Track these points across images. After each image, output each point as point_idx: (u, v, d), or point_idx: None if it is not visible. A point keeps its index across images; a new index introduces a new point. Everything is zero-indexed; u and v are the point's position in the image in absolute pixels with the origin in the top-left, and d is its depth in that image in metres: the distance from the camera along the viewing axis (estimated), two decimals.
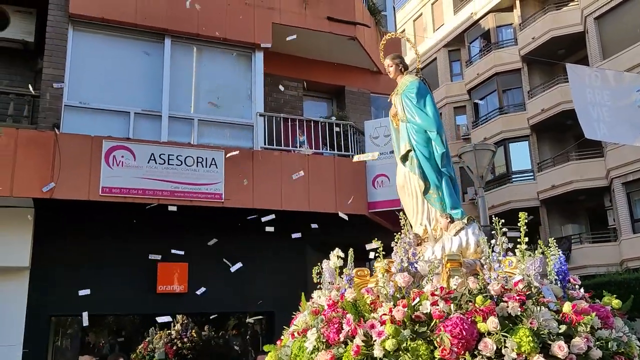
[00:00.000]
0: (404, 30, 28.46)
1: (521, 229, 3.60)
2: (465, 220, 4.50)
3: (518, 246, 3.61)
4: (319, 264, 4.22)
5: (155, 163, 8.57)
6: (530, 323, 3.07)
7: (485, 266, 3.71)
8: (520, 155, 24.17)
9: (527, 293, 3.33)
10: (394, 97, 5.07)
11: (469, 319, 3.09)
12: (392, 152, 10.07)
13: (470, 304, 3.21)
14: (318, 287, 4.12)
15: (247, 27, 9.94)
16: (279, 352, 3.85)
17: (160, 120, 9.19)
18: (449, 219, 4.56)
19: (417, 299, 3.29)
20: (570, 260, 20.87)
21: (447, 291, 3.32)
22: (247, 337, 12.25)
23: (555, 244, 4.03)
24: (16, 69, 9.19)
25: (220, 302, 9.21)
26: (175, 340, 10.97)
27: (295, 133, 10.23)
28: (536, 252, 3.61)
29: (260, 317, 10.27)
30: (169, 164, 8.65)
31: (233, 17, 9.85)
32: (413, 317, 3.20)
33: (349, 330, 3.32)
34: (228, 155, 8.52)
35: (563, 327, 3.15)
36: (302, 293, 4.17)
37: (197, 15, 9.51)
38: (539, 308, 3.20)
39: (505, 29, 25.97)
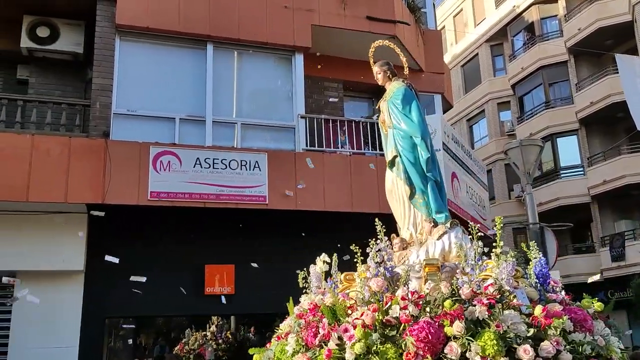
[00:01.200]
0: (442, 29, 28.05)
1: (497, 232, 3.62)
2: (448, 225, 4.52)
3: (493, 250, 3.64)
4: (304, 268, 4.29)
5: (201, 167, 8.75)
6: (497, 326, 3.08)
7: (464, 270, 3.72)
8: (569, 150, 23.44)
9: (497, 297, 3.34)
10: (382, 104, 5.15)
11: (437, 323, 3.14)
12: (435, 150, 10.00)
13: (440, 308, 3.27)
14: (303, 291, 4.18)
15: (287, 30, 10.03)
16: (263, 355, 3.96)
17: (204, 125, 9.38)
18: (432, 223, 4.59)
19: (390, 304, 3.35)
20: (624, 258, 20.10)
21: (418, 295, 3.36)
22: None
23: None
24: (67, 79, 9.56)
25: (266, 302, 9.30)
26: (210, 342, 11.13)
27: (337, 134, 10.24)
28: (508, 255, 3.59)
29: None
30: (213, 167, 8.81)
31: (273, 21, 9.95)
32: (384, 321, 3.27)
33: (323, 334, 3.40)
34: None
35: (531, 331, 3.16)
36: (290, 297, 4.21)
37: (238, 21, 9.66)
38: (508, 311, 3.22)
39: (550, 20, 25.26)
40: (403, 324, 3.19)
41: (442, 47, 14.12)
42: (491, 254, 3.70)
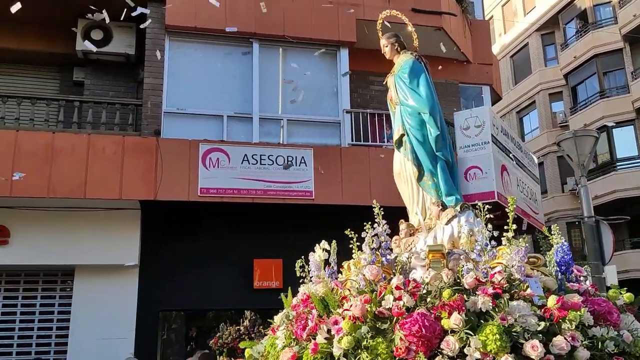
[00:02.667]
0: (490, 18, 27.39)
1: (510, 215, 3.25)
2: (458, 208, 4.11)
3: (505, 234, 3.26)
4: (302, 257, 3.88)
5: (248, 163, 8.88)
6: (502, 319, 2.73)
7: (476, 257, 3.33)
8: (626, 141, 22.49)
9: (505, 286, 2.97)
10: (389, 79, 4.72)
11: (433, 315, 2.82)
12: (484, 142, 9.81)
13: (439, 298, 2.93)
14: (301, 281, 3.80)
15: (332, 26, 10.03)
16: (253, 349, 3.69)
17: (251, 122, 9.51)
18: (441, 207, 4.19)
19: (384, 294, 3.04)
20: None
21: (415, 285, 3.03)
22: None
23: (557, 230, 3.60)
24: (120, 80, 9.88)
25: None
26: (243, 336, 11.23)
27: (383, 128, 10.18)
28: (521, 239, 3.24)
29: None
30: (260, 163, 8.92)
31: (317, 17, 9.97)
32: (376, 312, 2.96)
33: (311, 327, 3.13)
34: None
35: (542, 324, 2.79)
36: (289, 288, 3.88)
37: (283, 18, 9.73)
38: (516, 303, 2.86)
39: (604, 7, 24.26)
40: (396, 317, 2.88)
41: (490, 38, 13.79)
42: (502, 239, 3.32)
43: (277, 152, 9.05)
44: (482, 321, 2.80)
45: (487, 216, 3.49)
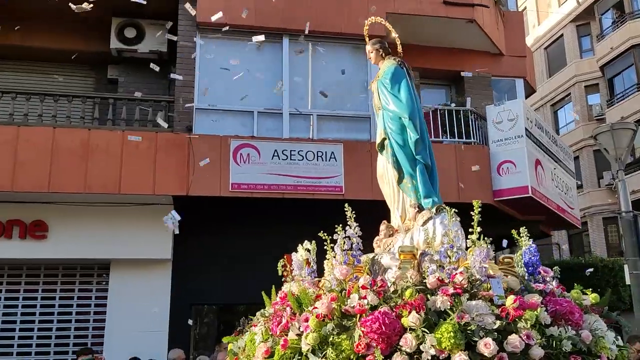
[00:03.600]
0: (524, 10, 26.83)
1: (475, 216, 3.35)
2: (434, 210, 4.23)
3: (470, 236, 3.36)
4: (284, 257, 4.13)
5: (279, 159, 8.92)
6: (460, 318, 2.84)
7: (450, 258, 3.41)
8: None
9: (465, 286, 3.07)
10: (373, 85, 4.89)
11: (395, 314, 2.93)
12: (517, 136, 9.63)
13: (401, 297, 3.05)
14: (283, 280, 4.02)
15: (361, 20, 9.95)
16: (234, 344, 3.88)
17: (281, 117, 9.55)
18: (417, 209, 4.32)
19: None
20: None
21: (380, 284, 3.14)
22: None
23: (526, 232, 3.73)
24: (153, 77, 10.02)
25: None
26: None
27: None
28: (482, 240, 3.31)
29: None
30: (291, 159, 8.96)
31: (347, 11, 9.92)
32: (343, 310, 3.09)
33: (283, 323, 3.29)
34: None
35: (498, 323, 2.88)
36: (273, 286, 4.08)
37: (312, 13, 9.71)
38: (475, 302, 2.95)
39: None
40: (359, 314, 3.01)
41: (524, 29, 13.51)
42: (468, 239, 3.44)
43: (307, 147, 9.07)
44: (441, 320, 2.91)
45: (457, 219, 3.63)
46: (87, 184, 8.26)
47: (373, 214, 4.71)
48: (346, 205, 3.76)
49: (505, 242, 6.14)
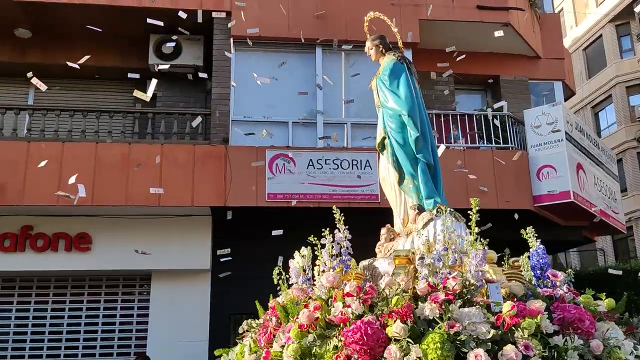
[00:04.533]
0: (560, 11, 26.31)
1: (472, 217, 3.16)
2: (434, 212, 4.01)
3: (467, 238, 3.15)
4: (279, 264, 3.92)
5: (314, 168, 8.97)
6: (451, 327, 2.60)
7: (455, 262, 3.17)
8: None
9: (457, 292, 2.82)
10: (373, 82, 4.68)
11: (379, 323, 2.71)
12: (557, 140, 9.42)
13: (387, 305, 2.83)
14: (277, 288, 3.81)
15: (392, 28, 9.94)
16: (224, 356, 3.75)
17: (315, 126, 9.60)
18: (417, 211, 4.11)
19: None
20: None
21: (366, 291, 2.93)
22: None
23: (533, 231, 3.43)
24: (190, 91, 10.25)
25: None
26: None
27: (449, 128, 9.99)
28: (476, 244, 3.10)
29: None
30: (326, 168, 8.98)
31: (379, 20, 9.91)
32: (327, 320, 2.90)
33: (267, 334, 3.16)
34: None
35: (492, 332, 2.61)
36: (271, 295, 3.89)
37: (345, 22, 9.76)
38: (468, 309, 2.70)
39: None
40: (343, 324, 2.83)
41: (561, 31, 13.24)
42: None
43: (342, 156, 9.08)
44: (430, 329, 2.70)
45: (462, 221, 3.45)
46: (128, 196, 8.47)
47: None
48: (334, 207, 3.63)
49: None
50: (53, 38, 10.04)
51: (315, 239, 3.51)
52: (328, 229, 3.57)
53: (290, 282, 3.83)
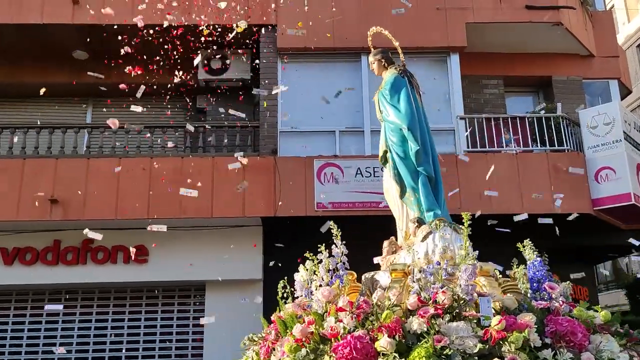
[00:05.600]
0: (611, 8, 25.37)
1: (464, 230, 3.14)
2: (434, 224, 3.96)
3: (459, 252, 3.13)
4: (285, 278, 4.02)
5: (362, 176, 8.95)
6: (438, 341, 2.62)
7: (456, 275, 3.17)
8: None
9: (447, 306, 2.83)
10: (375, 97, 4.73)
11: (369, 337, 2.75)
12: (616, 141, 9.06)
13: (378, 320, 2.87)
14: (283, 301, 3.90)
15: (440, 32, 9.87)
16: None
17: (362, 135, 9.59)
18: (417, 224, 4.09)
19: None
20: None
21: (358, 305, 2.96)
22: None
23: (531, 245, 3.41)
24: (238, 104, 10.42)
25: None
26: None
27: (500, 132, 9.78)
28: (467, 258, 3.09)
29: None
30: (374, 176, 8.94)
31: (425, 25, 9.86)
32: (320, 334, 2.94)
33: (265, 349, 3.21)
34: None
35: (479, 346, 2.62)
36: (277, 307, 3.94)
37: (390, 29, 9.72)
38: (456, 323, 2.72)
39: None
40: (334, 339, 2.89)
41: (615, 28, 12.76)
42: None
43: None
44: (419, 343, 2.76)
45: (461, 232, 3.42)
46: (182, 208, 8.68)
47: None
48: (331, 223, 3.75)
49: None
50: (107, 59, 10.46)
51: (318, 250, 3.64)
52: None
53: (295, 296, 3.94)
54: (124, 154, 9.39)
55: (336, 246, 3.59)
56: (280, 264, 9.16)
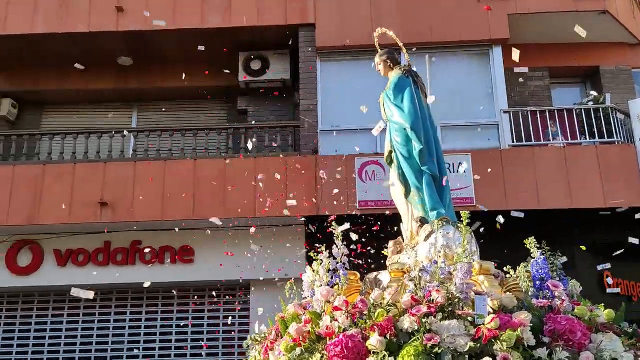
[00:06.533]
0: None
1: (462, 229, 3.15)
2: (436, 224, 3.95)
3: (458, 249, 3.11)
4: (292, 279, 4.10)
5: None
6: (429, 339, 2.60)
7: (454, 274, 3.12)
8: None
9: (440, 305, 2.80)
10: (381, 97, 4.73)
11: (361, 336, 2.76)
12: None
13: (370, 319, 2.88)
14: (290, 300, 3.94)
15: (482, 25, 9.68)
16: None
17: None
18: (420, 223, 4.10)
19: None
20: None
21: (354, 305, 2.98)
22: None
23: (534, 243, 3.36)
24: (279, 104, 10.53)
25: None
26: None
27: (547, 125, 9.52)
28: (463, 256, 3.07)
29: None
30: None
31: (466, 18, 9.69)
32: (317, 334, 2.97)
33: (265, 348, 3.24)
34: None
35: (470, 345, 2.59)
36: (285, 306, 4.01)
37: (429, 24, 9.61)
38: (448, 322, 2.69)
39: None
40: (329, 338, 2.95)
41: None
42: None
43: None
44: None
45: (470, 231, 3.43)
46: (226, 209, 8.80)
47: (511, 226, 4.52)
48: (333, 222, 3.77)
49: None
50: (151, 64, 10.71)
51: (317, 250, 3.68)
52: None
53: (304, 296, 3.99)
54: (169, 156, 9.60)
55: (337, 247, 3.71)
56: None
